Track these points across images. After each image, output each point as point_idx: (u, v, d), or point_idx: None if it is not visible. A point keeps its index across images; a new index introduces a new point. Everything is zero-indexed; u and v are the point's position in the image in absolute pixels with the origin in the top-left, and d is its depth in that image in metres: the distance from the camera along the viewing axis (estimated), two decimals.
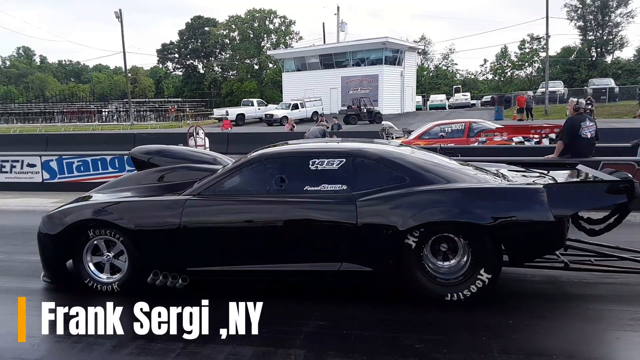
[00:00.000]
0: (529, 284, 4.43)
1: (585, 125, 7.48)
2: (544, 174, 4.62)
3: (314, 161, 4.24)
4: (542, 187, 3.89)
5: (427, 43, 69.84)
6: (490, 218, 3.79)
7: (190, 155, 5.76)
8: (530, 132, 12.75)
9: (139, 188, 5.04)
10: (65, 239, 4.40)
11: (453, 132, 13.41)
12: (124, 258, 4.35)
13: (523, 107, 31.72)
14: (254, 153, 4.65)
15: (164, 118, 47.20)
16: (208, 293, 4.34)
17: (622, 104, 35.54)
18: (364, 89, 42.15)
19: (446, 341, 3.36)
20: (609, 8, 54.61)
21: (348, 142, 5.30)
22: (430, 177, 4.10)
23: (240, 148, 14.88)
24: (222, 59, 69.03)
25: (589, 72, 53.38)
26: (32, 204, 9.22)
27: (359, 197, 4.02)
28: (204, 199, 4.33)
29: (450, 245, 3.99)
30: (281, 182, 4.27)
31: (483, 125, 13.64)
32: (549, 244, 4.00)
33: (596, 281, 4.38)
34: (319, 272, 4.11)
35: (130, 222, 4.26)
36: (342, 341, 3.41)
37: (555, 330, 3.50)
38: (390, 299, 4.13)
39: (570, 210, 3.97)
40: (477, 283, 3.84)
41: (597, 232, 4.55)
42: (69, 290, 4.44)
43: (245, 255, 4.21)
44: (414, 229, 3.85)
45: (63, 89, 73.35)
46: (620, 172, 4.34)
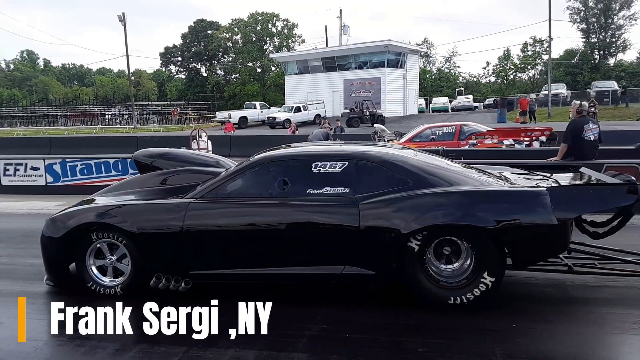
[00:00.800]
0: (532, 287, 4.41)
1: (589, 128, 7.45)
2: (547, 177, 4.61)
3: (317, 164, 4.24)
4: (545, 190, 3.88)
5: (429, 46, 69.97)
6: (493, 221, 3.78)
7: (193, 158, 5.77)
8: (521, 135, 12.87)
9: (142, 191, 5.05)
10: (68, 242, 4.41)
11: (444, 134, 13.55)
12: (126, 261, 4.36)
13: (526, 109, 31.71)
14: (256, 156, 4.65)
15: (167, 121, 47.34)
16: (216, 294, 4.36)
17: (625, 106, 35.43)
18: (367, 92, 42.18)
19: (449, 345, 3.35)
20: (611, 10, 54.57)
21: (351, 145, 5.32)
22: (433, 180, 4.09)
23: (242, 151, 14.95)
24: (224, 62, 69.18)
25: (592, 74, 53.32)
26: (36, 207, 9.24)
27: (362, 200, 4.01)
28: (207, 202, 4.33)
29: (454, 248, 3.98)
30: (284, 185, 4.27)
31: (474, 128, 13.75)
32: (552, 247, 3.98)
33: (600, 284, 4.36)
34: (322, 275, 4.11)
35: (133, 225, 4.27)
36: (345, 345, 3.41)
37: (559, 334, 3.48)
38: (393, 302, 4.12)
39: (573, 213, 3.95)
40: (481, 286, 3.83)
41: (600, 235, 4.53)
42: (72, 293, 4.43)
43: (248, 258, 4.21)
44: (417, 232, 3.84)
45: (66, 92, 73.77)
46: (623, 175, 4.32)
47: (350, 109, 36.93)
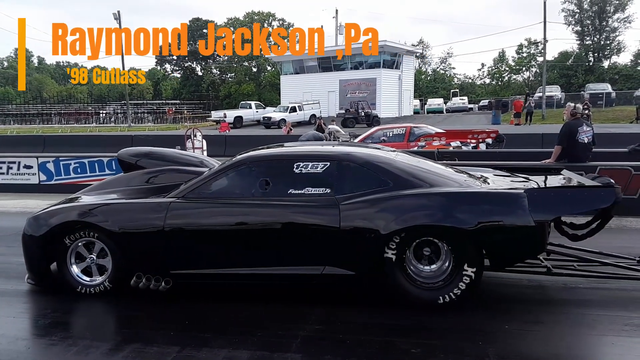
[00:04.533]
0: (525, 290, 4.43)
1: (583, 130, 7.50)
2: (528, 179, 4.64)
3: (299, 164, 4.25)
4: (523, 192, 3.92)
5: (425, 47, 70.12)
6: (471, 222, 3.81)
7: (178, 157, 5.73)
8: (468, 137, 13.14)
9: (126, 190, 5.04)
10: (49, 241, 4.39)
11: (394, 136, 13.83)
12: (108, 260, 4.35)
13: (520, 111, 31.86)
14: (239, 156, 4.66)
15: (162, 120, 47.20)
16: (214, 294, 4.36)
17: (619, 109, 35.68)
18: (362, 93, 42.24)
19: (442, 346, 3.36)
20: (606, 13, 54.83)
21: (334, 145, 5.35)
22: (413, 181, 4.12)
23: (237, 150, 14.76)
24: (220, 61, 68.99)
25: (586, 77, 53.58)
26: (29, 206, 9.17)
27: (343, 200, 4.03)
28: (188, 201, 4.32)
29: (433, 248, 4.01)
30: (266, 186, 4.28)
31: (424, 130, 14.08)
32: (529, 248, 4.01)
33: (592, 287, 4.39)
34: (302, 275, 4.12)
35: (114, 225, 4.26)
36: (339, 345, 3.41)
37: (552, 336, 3.50)
38: (387, 303, 4.12)
39: (551, 215, 3.98)
40: (465, 279, 3.85)
41: (579, 237, 4.56)
42: (56, 292, 4.43)
43: (229, 258, 4.22)
44: (396, 232, 3.87)
45: (61, 90, 73.28)
46: (602, 177, 4.36)
47: (346, 110, 36.99)
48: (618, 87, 47.45)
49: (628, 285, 4.34)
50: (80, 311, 4.31)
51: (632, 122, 28.20)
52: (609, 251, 4.74)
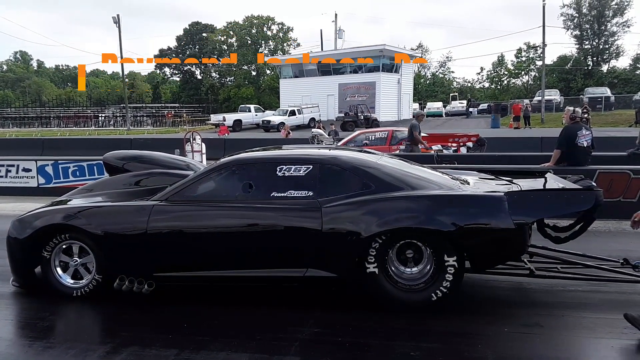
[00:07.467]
0: (524, 293, 4.43)
1: (582, 134, 7.51)
2: (511, 182, 4.65)
3: (281, 168, 4.26)
4: (503, 195, 3.93)
5: (424, 51, 70.18)
6: (451, 225, 3.83)
7: (164, 161, 5.72)
8: (449, 141, 13.20)
9: (112, 193, 5.05)
10: (34, 243, 4.39)
11: (376, 140, 13.94)
12: (91, 263, 4.35)
13: (519, 115, 31.89)
14: (223, 159, 4.66)
15: (161, 123, 47.15)
16: (211, 296, 4.35)
17: (618, 113, 35.72)
18: (361, 96, 42.29)
19: (441, 349, 3.35)
20: (605, 17, 54.91)
21: (318, 149, 5.35)
22: (396, 184, 4.13)
23: None
24: (219, 65, 69.06)
25: (585, 80, 53.61)
26: (27, 209, 9.15)
27: (325, 203, 4.04)
28: (171, 204, 4.32)
29: (414, 248, 4.02)
30: (249, 188, 4.29)
31: (405, 134, 13.97)
32: (509, 250, 4.02)
33: (591, 290, 4.39)
34: (285, 277, 4.14)
35: (98, 228, 4.26)
36: (337, 349, 3.40)
37: (551, 339, 3.49)
38: (386, 306, 4.12)
39: (531, 217, 4.00)
40: (449, 269, 3.86)
41: (562, 239, 4.57)
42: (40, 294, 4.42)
43: (211, 261, 4.22)
44: (378, 235, 3.88)
45: (60, 93, 73.37)
46: (584, 181, 4.37)
47: (345, 113, 37.04)
48: (617, 91, 47.48)
49: (627, 288, 4.33)
50: (77, 314, 4.30)
51: (631, 125, 28.18)
52: (607, 255, 4.75)
